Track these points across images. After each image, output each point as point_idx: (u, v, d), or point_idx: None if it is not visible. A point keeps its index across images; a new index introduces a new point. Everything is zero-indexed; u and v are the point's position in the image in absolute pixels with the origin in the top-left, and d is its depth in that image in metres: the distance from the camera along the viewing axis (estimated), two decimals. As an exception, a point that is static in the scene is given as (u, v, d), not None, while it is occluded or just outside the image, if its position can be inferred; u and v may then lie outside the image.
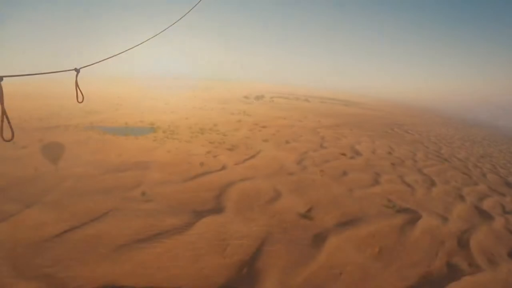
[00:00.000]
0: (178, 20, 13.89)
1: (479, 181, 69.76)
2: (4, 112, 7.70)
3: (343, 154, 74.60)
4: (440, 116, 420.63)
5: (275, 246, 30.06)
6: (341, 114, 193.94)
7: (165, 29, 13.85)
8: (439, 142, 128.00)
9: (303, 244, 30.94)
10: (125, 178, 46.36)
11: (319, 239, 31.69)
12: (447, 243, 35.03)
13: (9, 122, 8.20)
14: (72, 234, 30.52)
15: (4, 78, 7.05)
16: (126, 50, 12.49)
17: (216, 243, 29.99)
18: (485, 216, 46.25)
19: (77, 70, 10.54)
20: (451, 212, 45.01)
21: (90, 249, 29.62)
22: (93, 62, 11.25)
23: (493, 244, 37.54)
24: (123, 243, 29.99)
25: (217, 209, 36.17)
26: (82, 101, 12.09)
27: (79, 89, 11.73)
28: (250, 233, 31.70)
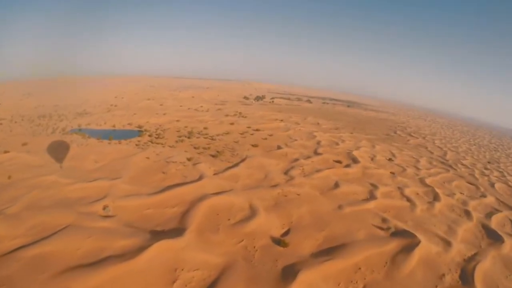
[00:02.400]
0: None
1: (487, 192, 63.37)
2: None
3: (338, 162, 68.70)
4: (445, 118, 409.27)
5: (233, 280, 25.01)
6: (342, 115, 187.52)
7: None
8: (444, 147, 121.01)
9: (269, 278, 25.60)
10: (92, 188, 41.94)
11: (289, 273, 26.23)
12: (448, 276, 29.11)
13: None
14: (25, 251, 26.37)
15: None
16: None
17: (165, 274, 25.05)
18: (494, 237, 40.30)
19: None
20: (455, 233, 38.96)
21: (38, 269, 25.01)
22: None
23: (501, 275, 31.60)
24: (71, 266, 25.39)
25: (178, 230, 31.08)
26: None
27: None
28: (208, 263, 26.61)
